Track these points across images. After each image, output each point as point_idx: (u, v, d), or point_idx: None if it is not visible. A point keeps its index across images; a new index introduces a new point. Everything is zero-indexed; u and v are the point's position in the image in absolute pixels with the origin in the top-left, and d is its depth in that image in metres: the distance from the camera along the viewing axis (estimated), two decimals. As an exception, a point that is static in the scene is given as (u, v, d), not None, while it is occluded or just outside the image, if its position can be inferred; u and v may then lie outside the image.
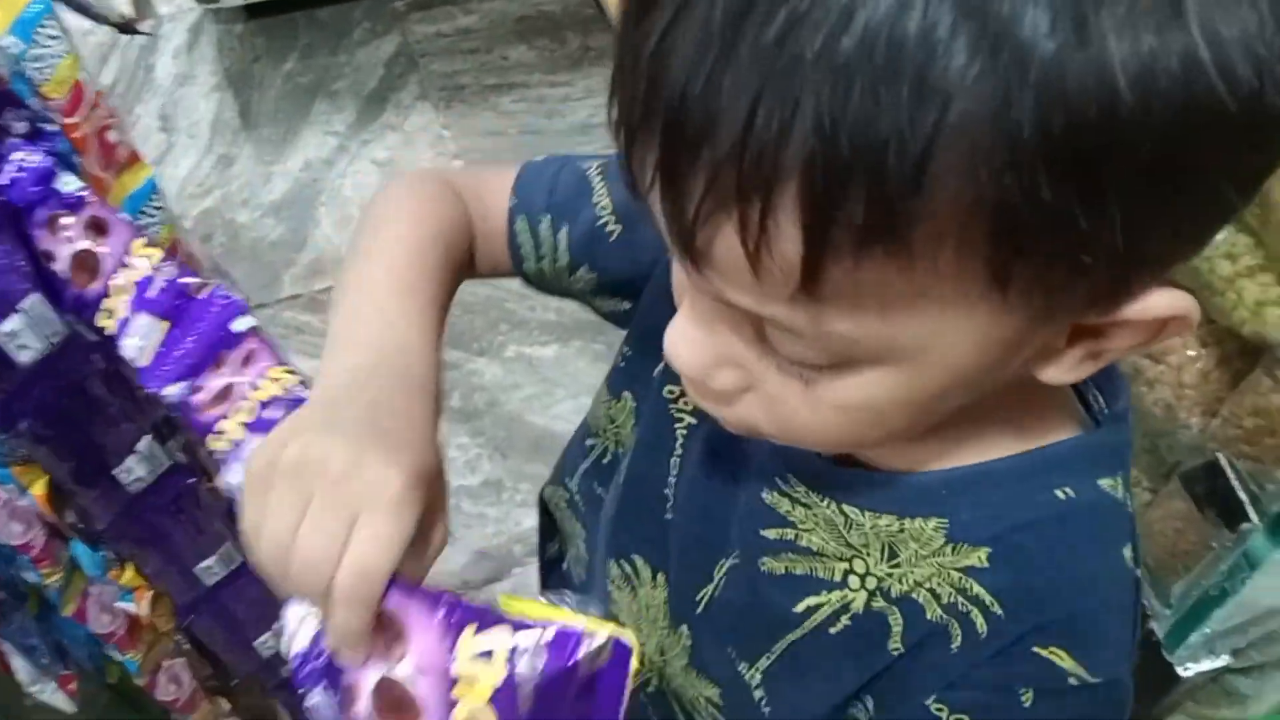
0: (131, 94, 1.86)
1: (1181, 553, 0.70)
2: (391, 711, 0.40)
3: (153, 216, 0.86)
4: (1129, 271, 0.34)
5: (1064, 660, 0.42)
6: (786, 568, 0.49)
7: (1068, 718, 0.43)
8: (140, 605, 0.88)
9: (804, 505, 0.48)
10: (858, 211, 0.30)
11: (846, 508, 0.46)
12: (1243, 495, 0.66)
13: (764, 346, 0.38)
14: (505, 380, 1.59)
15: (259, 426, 0.57)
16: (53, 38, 0.70)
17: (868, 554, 0.46)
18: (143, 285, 0.67)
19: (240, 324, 0.62)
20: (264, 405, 0.59)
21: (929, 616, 0.44)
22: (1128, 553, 0.44)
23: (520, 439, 1.53)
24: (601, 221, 0.56)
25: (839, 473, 0.47)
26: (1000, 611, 0.43)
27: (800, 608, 0.48)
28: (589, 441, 0.63)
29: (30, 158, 0.66)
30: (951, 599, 0.44)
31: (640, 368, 0.57)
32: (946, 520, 0.44)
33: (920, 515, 0.44)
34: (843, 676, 0.47)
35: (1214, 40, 0.29)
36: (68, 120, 0.72)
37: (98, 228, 0.69)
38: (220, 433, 0.58)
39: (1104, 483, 0.44)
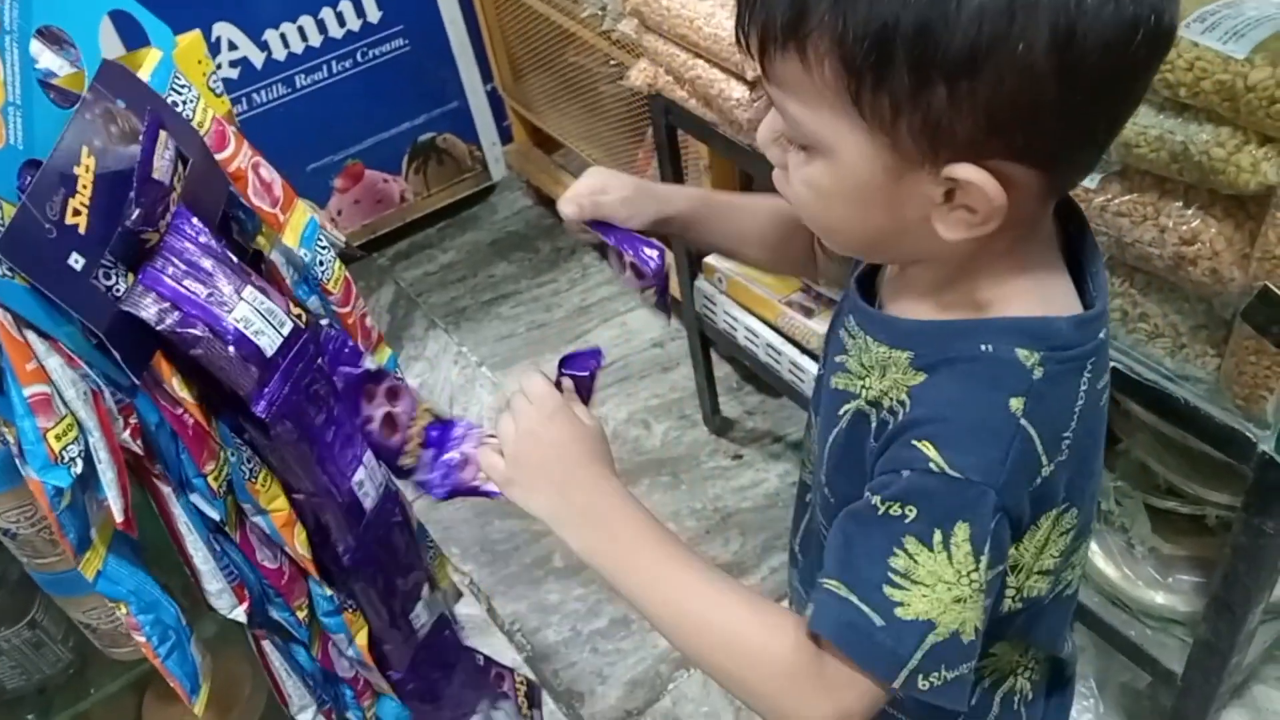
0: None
1: (1263, 380, 0.92)
2: None
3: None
4: (938, 138, 0.52)
5: (929, 451, 0.56)
6: (836, 383, 0.67)
7: (928, 492, 0.56)
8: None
9: (852, 336, 0.67)
10: (774, 27, 0.53)
11: (869, 339, 0.65)
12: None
13: (785, 129, 0.58)
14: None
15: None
16: (323, 248, 0.89)
17: (874, 373, 0.63)
18: (429, 430, 0.88)
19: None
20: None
21: (882, 414, 0.61)
22: (1014, 403, 0.57)
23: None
24: None
25: (871, 312, 0.66)
26: (909, 412, 0.59)
27: (840, 412, 0.66)
28: None
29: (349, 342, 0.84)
30: (892, 404, 0.61)
31: None
32: (913, 352, 0.61)
33: (901, 347, 0.62)
34: (858, 469, 0.63)
35: None
36: (342, 310, 0.90)
37: (393, 394, 0.87)
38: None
39: (1020, 351, 0.57)
